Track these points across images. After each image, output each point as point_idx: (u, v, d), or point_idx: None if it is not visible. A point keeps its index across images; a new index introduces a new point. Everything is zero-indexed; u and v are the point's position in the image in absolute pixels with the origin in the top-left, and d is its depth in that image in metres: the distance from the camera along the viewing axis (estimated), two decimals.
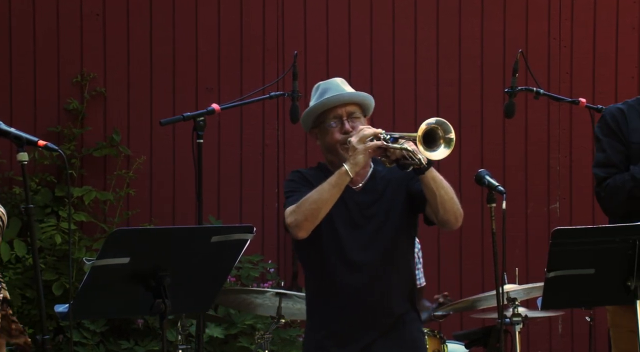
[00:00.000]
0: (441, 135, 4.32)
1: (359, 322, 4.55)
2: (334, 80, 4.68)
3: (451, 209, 4.48)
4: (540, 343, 7.36)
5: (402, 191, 4.58)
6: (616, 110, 4.82)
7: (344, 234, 4.55)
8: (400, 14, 7.51)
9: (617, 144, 4.75)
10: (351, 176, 4.42)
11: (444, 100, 7.48)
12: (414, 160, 4.34)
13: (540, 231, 7.30)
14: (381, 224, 4.56)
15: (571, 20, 7.40)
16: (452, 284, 7.37)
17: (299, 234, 4.48)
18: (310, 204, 4.43)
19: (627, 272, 4.18)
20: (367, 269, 4.55)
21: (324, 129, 4.59)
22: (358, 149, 4.39)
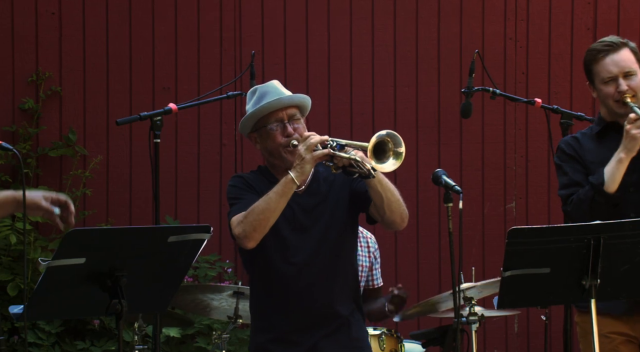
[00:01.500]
0: (391, 147, 4.34)
1: (304, 324, 4.55)
2: (272, 83, 4.66)
3: (397, 210, 4.50)
4: (496, 342, 7.40)
5: (345, 191, 4.59)
6: (570, 138, 4.93)
7: (289, 237, 4.54)
8: (357, 15, 7.52)
9: (577, 165, 4.82)
10: (297, 184, 4.42)
11: (401, 101, 7.50)
12: (362, 170, 4.35)
13: (497, 230, 7.33)
14: (326, 225, 4.57)
15: (527, 21, 7.44)
16: (409, 284, 7.38)
17: (248, 245, 4.48)
18: (258, 214, 4.42)
19: (581, 271, 4.21)
20: (312, 272, 4.55)
21: (266, 132, 4.58)
22: (305, 158, 4.39)
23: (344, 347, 4.57)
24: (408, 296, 5.79)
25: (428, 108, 7.49)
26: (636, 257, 4.23)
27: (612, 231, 4.19)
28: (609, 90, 4.75)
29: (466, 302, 5.36)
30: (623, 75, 4.73)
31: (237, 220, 4.49)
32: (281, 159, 4.57)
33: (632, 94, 4.72)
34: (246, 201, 4.51)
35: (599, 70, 4.77)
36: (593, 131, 4.89)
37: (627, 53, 4.76)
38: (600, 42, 4.82)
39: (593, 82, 4.83)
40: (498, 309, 4.65)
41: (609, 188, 4.63)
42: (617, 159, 4.63)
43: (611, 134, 4.79)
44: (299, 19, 7.52)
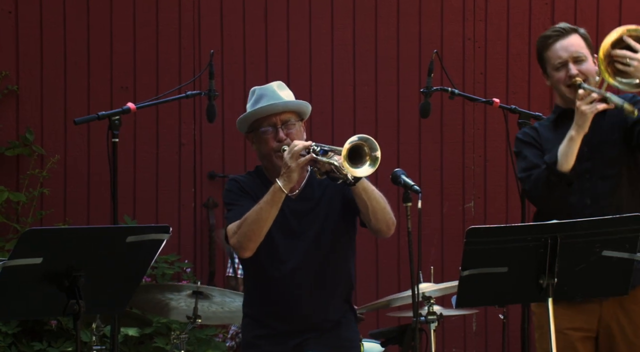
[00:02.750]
0: (367, 152, 4.36)
1: (293, 327, 4.58)
2: (270, 86, 4.68)
3: (383, 218, 4.55)
4: (455, 341, 7.43)
5: (338, 196, 4.63)
6: (528, 128, 4.97)
7: (280, 242, 4.57)
8: (316, 14, 7.52)
9: (534, 150, 4.85)
10: (285, 193, 4.44)
11: (361, 100, 7.51)
12: (340, 175, 4.37)
13: (455, 229, 7.36)
14: (319, 231, 4.60)
15: (485, 21, 7.48)
16: (368, 283, 7.40)
17: (244, 255, 4.53)
18: (251, 225, 4.46)
19: (539, 270, 4.23)
20: (303, 276, 4.58)
21: (259, 136, 4.61)
22: (291, 166, 4.42)
23: (333, 347, 4.58)
24: (364, 320, 5.82)
25: (387, 107, 7.50)
26: (592, 256, 4.26)
27: (569, 230, 4.22)
28: (560, 76, 4.78)
29: (425, 302, 5.37)
30: (573, 60, 4.76)
31: (232, 230, 4.53)
32: (272, 163, 4.60)
33: (582, 78, 4.74)
34: (240, 207, 4.55)
35: (550, 56, 4.80)
36: (549, 120, 4.93)
37: (576, 38, 4.80)
38: (550, 29, 4.86)
39: (546, 70, 4.86)
40: (456, 308, 4.67)
41: (562, 167, 4.66)
42: (569, 137, 4.66)
43: (566, 121, 4.81)
44: (258, 18, 7.51)
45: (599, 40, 7.45)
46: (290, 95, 4.69)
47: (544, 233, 4.21)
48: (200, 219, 7.38)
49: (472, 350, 7.45)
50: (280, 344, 4.56)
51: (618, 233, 4.25)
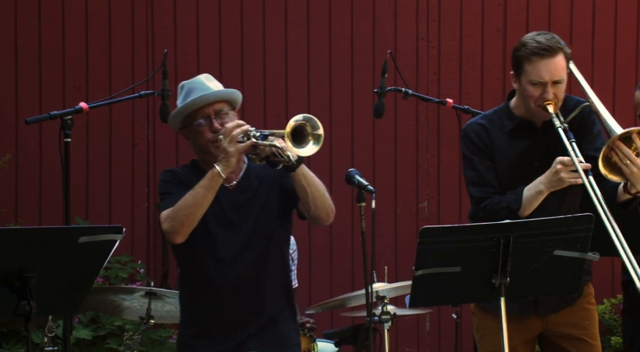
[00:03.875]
0: (309, 131, 4.34)
1: (232, 321, 4.54)
2: (198, 79, 4.65)
3: (322, 205, 4.51)
4: (408, 340, 7.46)
5: (275, 187, 4.60)
6: (478, 126, 4.86)
7: (218, 234, 4.54)
8: (270, 13, 7.52)
9: (487, 161, 4.80)
10: (224, 177, 4.41)
11: (315, 100, 7.51)
12: (283, 158, 4.35)
13: (409, 229, 7.39)
14: (256, 222, 4.57)
15: (438, 22, 7.51)
16: (322, 283, 7.41)
17: (176, 240, 4.47)
18: (186, 209, 4.42)
19: (491, 270, 4.25)
20: (242, 269, 4.54)
21: (193, 129, 4.58)
22: (229, 151, 4.38)
23: (271, 345, 4.56)
24: (317, 328, 5.82)
25: (341, 108, 7.51)
26: (544, 255, 4.29)
27: (521, 230, 4.24)
28: (534, 93, 4.68)
29: (379, 301, 5.38)
30: (552, 83, 4.67)
31: (166, 215, 4.47)
32: (210, 154, 4.55)
33: (554, 102, 4.69)
34: (175, 196, 4.50)
35: (530, 70, 4.67)
36: (505, 126, 4.83)
37: (560, 60, 4.67)
38: (536, 41, 4.68)
39: (518, 76, 4.74)
40: (410, 307, 4.68)
41: (523, 213, 4.66)
42: (537, 190, 4.63)
43: (523, 133, 4.79)
44: (212, 18, 7.49)
45: None
46: (219, 85, 4.66)
47: (497, 233, 4.22)
48: (153, 219, 7.35)
49: (426, 349, 7.48)
50: (219, 344, 4.53)
51: (569, 233, 4.28)
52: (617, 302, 7.14)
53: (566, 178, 4.57)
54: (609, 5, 7.45)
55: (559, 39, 4.73)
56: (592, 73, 7.45)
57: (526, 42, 4.71)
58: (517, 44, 4.78)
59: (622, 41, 7.45)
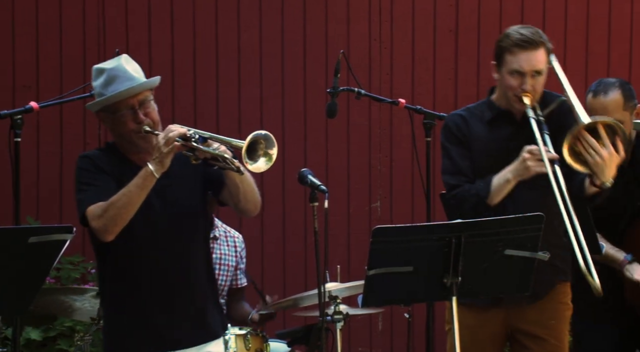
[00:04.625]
0: (262, 147, 4.33)
1: (158, 308, 4.50)
2: (121, 65, 4.55)
3: (252, 199, 4.51)
4: (361, 340, 7.47)
5: (198, 174, 4.56)
6: (458, 117, 4.92)
7: (138, 219, 4.47)
8: (223, 14, 7.49)
9: (463, 150, 4.85)
10: (157, 177, 4.36)
11: (267, 99, 7.50)
12: (229, 166, 4.33)
13: (362, 229, 7.40)
14: (178, 206, 4.52)
15: (391, 22, 7.53)
16: (275, 283, 7.39)
17: (108, 239, 4.40)
18: (120, 209, 4.36)
19: (443, 269, 4.28)
20: (164, 254, 4.49)
21: (117, 118, 4.51)
22: (165, 152, 4.34)
23: (201, 336, 4.54)
24: (275, 317, 5.81)
25: (294, 107, 7.51)
26: (495, 255, 4.32)
27: (472, 229, 4.27)
28: (513, 83, 4.75)
29: (331, 301, 5.39)
30: (531, 74, 4.74)
31: (96, 213, 4.40)
32: (133, 144, 4.51)
33: (532, 94, 4.75)
34: (99, 187, 4.44)
35: (511, 61, 4.74)
36: (485, 116, 4.89)
37: (541, 53, 4.76)
38: (520, 33, 4.76)
39: (499, 66, 4.80)
40: (362, 307, 4.69)
41: (492, 201, 4.71)
42: (505, 178, 4.69)
43: (502, 124, 4.85)
44: (164, 16, 7.46)
45: None
46: (138, 69, 4.59)
47: (448, 233, 4.25)
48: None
49: (378, 349, 7.50)
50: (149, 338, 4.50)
51: (520, 232, 4.31)
52: None
53: (532, 166, 4.63)
54: (559, 7, 7.51)
55: (542, 33, 4.81)
56: None
57: (509, 33, 4.80)
58: (501, 35, 4.85)
59: (572, 44, 7.51)
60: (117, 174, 4.48)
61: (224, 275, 6.12)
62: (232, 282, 6.19)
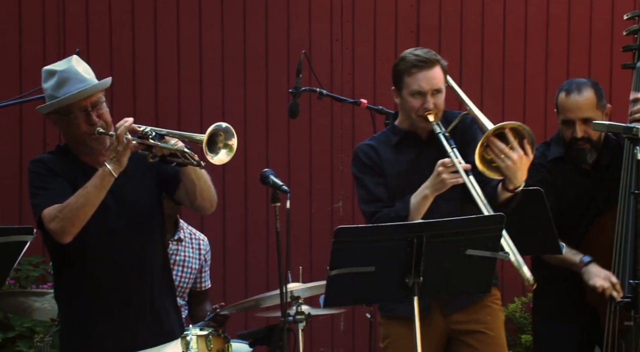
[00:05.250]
0: (221, 139, 4.32)
1: (114, 309, 4.49)
2: (72, 67, 4.51)
3: (208, 197, 4.52)
4: (323, 340, 7.47)
5: (153, 173, 4.56)
6: (366, 146, 5.01)
7: (96, 222, 4.44)
8: (184, 13, 7.47)
9: (375, 177, 4.94)
10: (115, 177, 4.34)
11: (229, 100, 7.49)
12: (188, 160, 4.32)
13: (324, 229, 7.40)
14: (132, 205, 4.51)
15: (352, 22, 7.54)
16: (237, 283, 7.39)
17: (65, 240, 4.36)
18: (77, 210, 4.32)
19: (405, 269, 4.29)
20: (122, 257, 4.48)
21: (69, 120, 4.48)
22: (121, 150, 4.33)
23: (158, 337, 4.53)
24: (229, 318, 5.80)
25: (256, 108, 7.50)
26: (456, 255, 4.34)
27: (434, 229, 4.28)
28: (415, 104, 4.87)
29: (293, 301, 5.39)
30: (432, 93, 4.85)
31: (52, 215, 4.36)
32: (86, 146, 4.49)
33: (435, 112, 4.86)
34: (54, 190, 4.40)
35: (410, 82, 4.86)
36: (391, 141, 5.00)
37: (438, 71, 4.87)
38: (414, 55, 4.89)
39: (400, 90, 4.92)
40: (324, 307, 4.69)
41: (412, 219, 4.76)
42: (423, 194, 4.76)
43: (408, 145, 4.95)
44: (125, 16, 7.43)
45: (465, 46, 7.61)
46: (88, 70, 4.56)
47: (410, 233, 4.26)
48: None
49: (340, 349, 7.51)
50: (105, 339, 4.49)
51: (481, 232, 4.33)
52: (527, 300, 7.24)
53: (448, 179, 4.71)
54: (520, 7, 7.56)
55: (435, 52, 4.93)
56: (503, 74, 7.55)
57: (405, 56, 4.92)
58: (396, 60, 4.97)
59: (532, 43, 7.56)
60: (71, 177, 4.46)
61: (186, 277, 6.10)
62: (196, 284, 6.17)
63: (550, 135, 5.57)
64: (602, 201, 5.34)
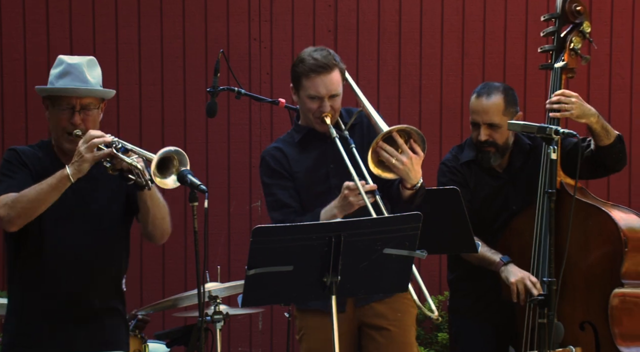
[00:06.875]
0: (175, 165, 4.32)
1: (57, 311, 4.47)
2: (80, 64, 4.57)
3: (160, 227, 4.56)
4: (241, 340, 7.46)
5: (123, 189, 4.56)
6: (273, 149, 5.08)
7: (54, 221, 4.45)
8: (100, 12, 7.42)
9: (284, 182, 5.00)
10: (72, 182, 4.35)
11: (147, 99, 7.44)
12: (140, 178, 4.32)
13: (242, 229, 7.39)
14: (96, 213, 4.52)
15: (270, 21, 7.54)
16: (154, 283, 7.34)
17: (10, 229, 4.41)
18: (27, 203, 4.34)
19: (323, 268, 4.30)
20: (74, 257, 4.49)
21: (55, 112, 4.52)
22: (85, 156, 4.32)
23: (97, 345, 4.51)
24: (150, 321, 5.77)
25: (174, 107, 7.46)
26: (374, 254, 4.36)
27: (352, 228, 4.30)
28: (312, 106, 4.93)
29: (211, 301, 5.37)
30: (329, 97, 4.90)
31: (3, 202, 4.38)
32: (59, 142, 4.52)
33: (331, 114, 4.92)
34: (15, 181, 4.43)
35: (308, 86, 4.91)
36: (294, 139, 5.06)
37: (336, 75, 4.92)
38: (313, 58, 4.93)
39: (297, 90, 4.98)
40: (242, 307, 4.69)
41: None
42: (332, 213, 4.82)
43: (312, 142, 5.02)
44: (40, 15, 7.35)
45: (382, 45, 7.66)
46: (98, 76, 4.63)
47: (328, 232, 4.28)
48: None
49: (258, 349, 7.50)
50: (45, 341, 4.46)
51: (398, 231, 4.36)
52: (443, 299, 7.31)
53: (354, 202, 4.76)
54: (436, 6, 7.62)
55: (334, 55, 4.99)
56: (420, 73, 7.61)
57: (304, 58, 4.98)
58: (296, 59, 5.04)
59: (448, 42, 7.63)
60: (41, 172, 4.46)
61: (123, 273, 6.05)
62: None
63: (466, 134, 5.65)
64: (515, 203, 5.42)
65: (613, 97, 7.68)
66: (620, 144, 5.32)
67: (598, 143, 5.29)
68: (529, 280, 5.17)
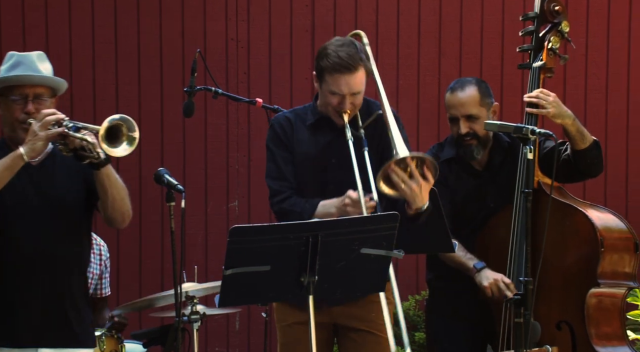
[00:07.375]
0: (124, 132, 4.33)
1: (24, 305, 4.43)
2: (30, 56, 4.57)
3: (120, 209, 4.51)
4: (218, 340, 7.45)
5: (79, 177, 4.54)
6: (284, 119, 5.02)
7: (14, 212, 4.42)
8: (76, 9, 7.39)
9: (287, 154, 4.95)
10: (26, 160, 4.35)
11: (123, 98, 7.42)
12: (92, 153, 4.32)
13: (219, 229, 7.38)
14: (55, 205, 4.50)
15: (248, 21, 7.53)
16: (131, 283, 7.32)
17: None
18: None
19: (300, 268, 4.30)
20: (37, 254, 4.45)
21: (7, 102, 4.51)
22: (39, 135, 4.34)
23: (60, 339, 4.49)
24: (127, 324, 5.76)
25: (150, 107, 7.44)
26: (351, 253, 4.36)
27: (329, 228, 4.30)
28: (332, 101, 4.88)
29: (188, 301, 5.36)
30: (350, 94, 4.85)
31: None
32: (15, 133, 4.51)
33: (351, 109, 4.87)
34: None
35: (331, 82, 4.85)
36: (307, 120, 5.01)
37: (360, 75, 4.85)
38: (339, 56, 4.83)
39: (320, 81, 4.91)
40: (220, 307, 4.69)
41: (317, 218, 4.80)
42: (329, 211, 4.79)
43: (324, 129, 4.97)
44: (15, 12, 7.32)
45: None
46: (48, 69, 4.62)
47: (305, 231, 4.27)
48: None
49: (235, 349, 7.49)
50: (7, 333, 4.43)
51: (375, 231, 4.36)
52: (421, 298, 7.32)
53: (352, 212, 4.73)
54: (413, 6, 7.64)
55: (361, 52, 4.88)
56: (397, 73, 7.62)
57: (329, 53, 4.87)
58: (321, 50, 4.93)
59: (425, 42, 7.65)
60: None
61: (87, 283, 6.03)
62: (96, 291, 6.09)
63: (443, 134, 5.65)
64: (493, 201, 5.43)
65: (589, 97, 7.71)
66: (596, 150, 5.32)
67: (574, 147, 5.30)
68: (502, 282, 5.18)
